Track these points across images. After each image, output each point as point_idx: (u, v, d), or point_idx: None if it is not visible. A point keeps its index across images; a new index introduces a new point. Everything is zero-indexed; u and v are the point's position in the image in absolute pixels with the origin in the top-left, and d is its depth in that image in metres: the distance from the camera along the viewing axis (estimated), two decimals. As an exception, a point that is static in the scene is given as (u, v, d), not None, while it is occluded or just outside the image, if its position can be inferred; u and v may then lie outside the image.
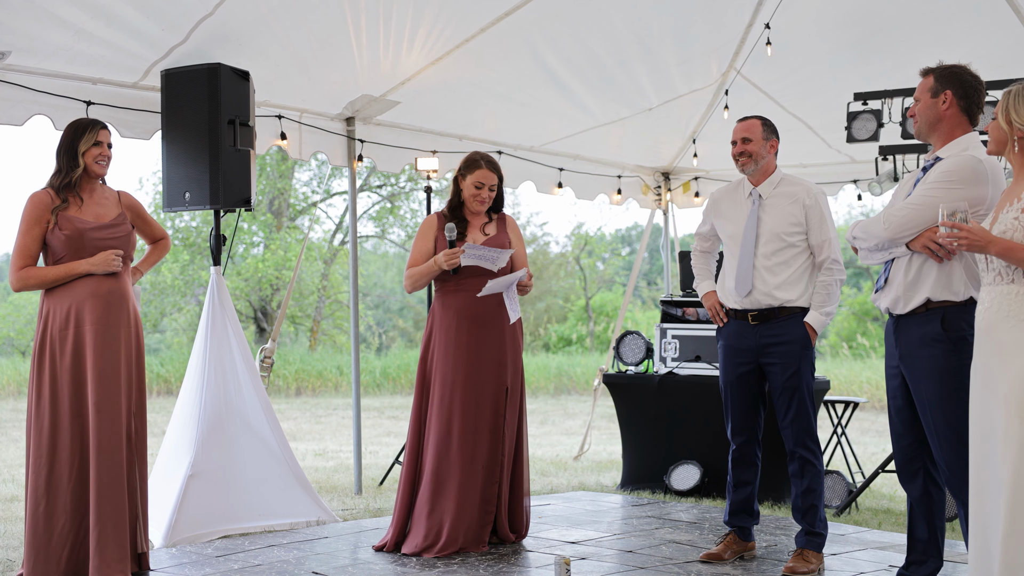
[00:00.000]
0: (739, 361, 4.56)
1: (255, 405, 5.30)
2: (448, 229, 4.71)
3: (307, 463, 8.29)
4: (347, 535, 5.14)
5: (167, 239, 4.61)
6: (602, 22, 6.02)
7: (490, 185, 4.80)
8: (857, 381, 14.96)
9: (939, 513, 3.91)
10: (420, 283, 4.81)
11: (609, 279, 25.31)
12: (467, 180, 4.81)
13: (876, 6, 5.89)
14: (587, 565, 4.55)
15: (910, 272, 3.73)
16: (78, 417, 4.06)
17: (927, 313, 3.70)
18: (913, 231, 3.68)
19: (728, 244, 4.64)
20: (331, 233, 21.62)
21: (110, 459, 4.03)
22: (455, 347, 4.75)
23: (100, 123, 4.23)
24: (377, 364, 17.77)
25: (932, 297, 3.69)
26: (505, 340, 4.81)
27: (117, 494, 4.03)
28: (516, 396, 4.85)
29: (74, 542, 4.05)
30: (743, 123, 4.58)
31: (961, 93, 3.69)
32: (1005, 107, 3.25)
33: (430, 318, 4.90)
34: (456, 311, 4.77)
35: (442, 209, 4.91)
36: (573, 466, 8.17)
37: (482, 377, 4.74)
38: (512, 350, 4.83)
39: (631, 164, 8.19)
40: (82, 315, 4.07)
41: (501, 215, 4.95)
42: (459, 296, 4.77)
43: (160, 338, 21.36)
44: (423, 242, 4.85)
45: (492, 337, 4.77)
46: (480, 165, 4.80)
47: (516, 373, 4.86)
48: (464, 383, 4.72)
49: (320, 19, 5.39)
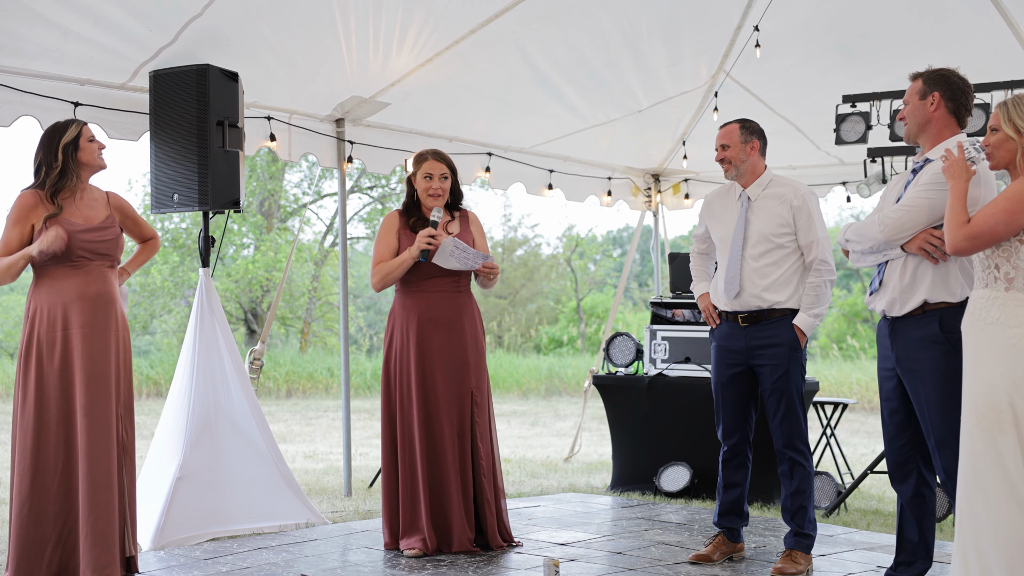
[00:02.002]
0: (730, 362, 4.57)
1: (244, 407, 5.28)
2: (435, 211, 4.66)
3: (296, 465, 8.27)
4: (336, 537, 5.13)
5: (156, 239, 4.59)
6: (592, 24, 6.03)
7: (440, 174, 4.73)
8: (847, 382, 15.00)
9: (929, 515, 3.92)
10: (392, 277, 4.70)
11: (600, 281, 25.34)
12: (417, 175, 4.75)
13: (864, 9, 5.91)
14: (576, 567, 4.55)
15: (906, 274, 3.73)
16: (65, 421, 4.04)
17: (924, 315, 3.71)
18: (909, 233, 3.69)
19: (719, 246, 4.65)
20: (322, 235, 21.61)
21: (100, 463, 4.00)
22: (416, 350, 4.68)
23: (80, 120, 4.22)
24: (367, 366, 17.75)
25: (929, 299, 3.70)
26: (467, 342, 4.74)
27: (106, 498, 4.01)
28: (483, 398, 4.78)
29: (58, 546, 4.03)
30: (722, 129, 4.60)
31: (949, 95, 3.72)
32: (1008, 117, 3.27)
33: (390, 320, 4.82)
34: (417, 313, 4.70)
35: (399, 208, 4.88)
36: (563, 468, 8.17)
37: (444, 380, 4.68)
38: (474, 352, 4.76)
39: (621, 166, 8.20)
40: (69, 318, 4.05)
41: (463, 212, 4.89)
42: (420, 297, 4.71)
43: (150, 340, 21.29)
44: (387, 238, 4.75)
45: (453, 339, 4.71)
46: (426, 157, 4.77)
47: (480, 375, 4.78)
48: (425, 386, 4.68)
49: (309, 20, 5.38)
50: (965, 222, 3.29)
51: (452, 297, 4.74)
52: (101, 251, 4.12)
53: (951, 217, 3.34)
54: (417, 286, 4.72)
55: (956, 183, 3.39)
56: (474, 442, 4.73)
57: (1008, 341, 3.19)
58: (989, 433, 3.16)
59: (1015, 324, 3.19)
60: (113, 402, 4.09)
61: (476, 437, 4.73)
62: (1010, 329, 3.19)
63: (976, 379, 3.24)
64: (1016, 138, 3.26)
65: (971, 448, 3.22)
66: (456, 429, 4.69)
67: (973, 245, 3.28)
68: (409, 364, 4.70)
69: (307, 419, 12.86)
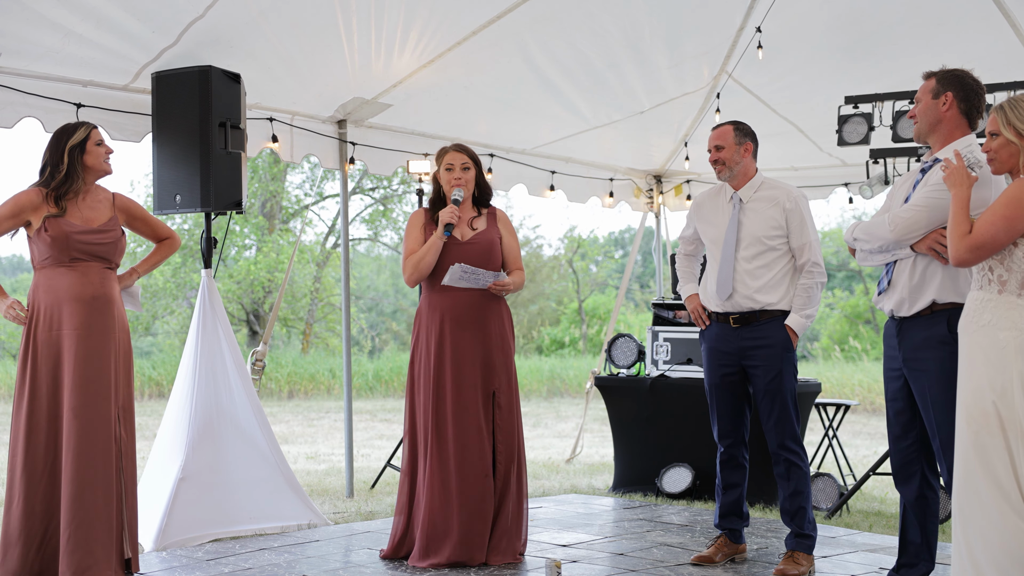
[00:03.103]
0: (722, 364, 4.57)
1: (246, 408, 5.28)
2: (456, 191, 4.60)
3: (299, 466, 8.27)
4: (338, 538, 5.13)
5: (174, 238, 4.54)
6: (594, 25, 6.03)
7: (461, 164, 4.67)
8: (849, 384, 14.99)
9: (932, 516, 3.92)
10: (424, 264, 4.57)
11: (602, 282, 25.33)
12: (440, 169, 4.71)
13: (867, 10, 5.91)
14: (578, 568, 4.54)
15: (915, 274, 3.73)
16: (54, 421, 4.04)
17: (933, 315, 3.70)
18: (919, 233, 3.68)
19: (710, 248, 4.65)
20: (324, 236, 21.61)
21: (90, 465, 3.99)
22: (438, 350, 4.59)
23: (90, 123, 4.22)
24: (369, 367, 17.75)
25: (938, 299, 3.69)
26: (492, 342, 4.62)
27: (92, 500, 3.99)
28: (508, 400, 4.65)
29: (42, 544, 4.03)
30: (715, 131, 4.60)
31: (962, 95, 3.71)
32: (1008, 120, 3.26)
33: (416, 321, 4.75)
34: (441, 312, 4.61)
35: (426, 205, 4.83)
36: (565, 469, 8.17)
37: (467, 381, 4.56)
38: (501, 352, 4.64)
39: (623, 167, 8.20)
40: (61, 319, 4.04)
41: (491, 209, 4.80)
42: (446, 296, 4.61)
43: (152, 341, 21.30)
44: (414, 233, 4.68)
45: (476, 339, 4.59)
46: (447, 150, 4.72)
47: (507, 376, 4.66)
48: (446, 387, 4.56)
49: (311, 21, 5.39)
50: (967, 232, 3.26)
51: (479, 296, 4.61)
52: (98, 253, 4.11)
53: (953, 228, 3.32)
54: (441, 284, 4.61)
55: (958, 191, 3.37)
56: (496, 445, 4.60)
57: (998, 343, 3.19)
58: (978, 436, 3.17)
59: (1006, 327, 3.19)
60: (111, 404, 4.08)
61: (497, 440, 4.60)
62: (1001, 332, 3.19)
63: (968, 381, 3.25)
64: (1017, 142, 3.24)
65: (963, 450, 3.23)
66: (478, 431, 4.53)
67: (976, 256, 3.25)
68: (431, 364, 4.59)
69: (309, 420, 12.87)
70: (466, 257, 4.58)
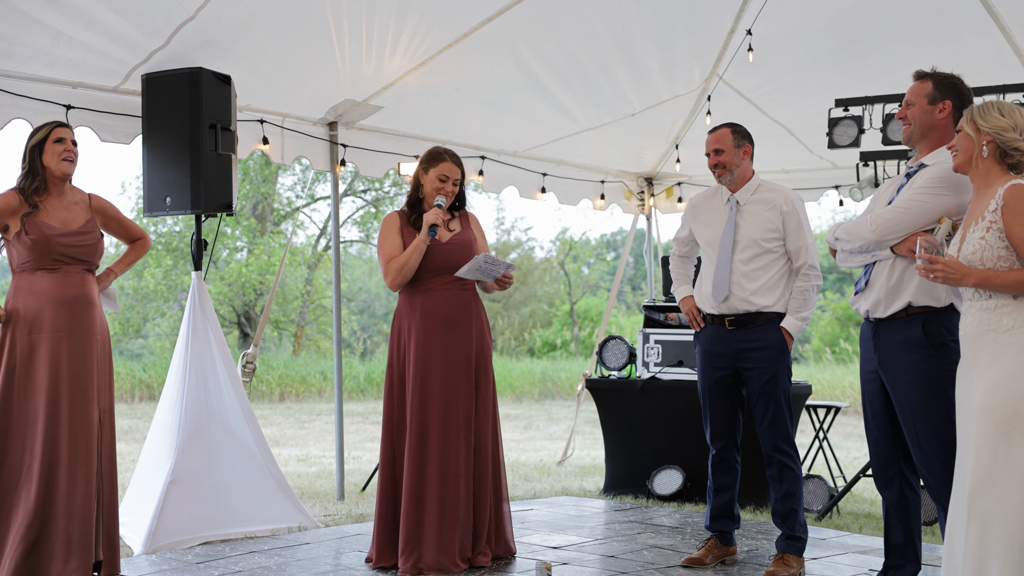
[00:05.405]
0: (716, 366, 4.58)
1: (236, 410, 5.27)
2: (439, 198, 4.58)
3: (289, 469, 8.26)
4: (329, 541, 5.12)
5: (146, 239, 4.54)
6: (585, 28, 6.03)
7: (454, 179, 4.65)
8: (840, 386, 15.02)
9: (915, 517, 3.93)
10: (408, 267, 4.53)
11: (594, 284, 25.35)
12: (430, 174, 4.65)
13: (857, 13, 5.93)
14: (569, 571, 4.55)
15: (892, 276, 3.74)
16: (31, 424, 4.00)
17: (908, 318, 3.72)
18: (900, 235, 3.69)
19: (706, 250, 4.65)
20: (315, 238, 21.58)
21: (71, 468, 3.97)
22: (424, 350, 4.54)
23: (58, 121, 4.20)
24: (361, 369, 17.73)
25: (914, 302, 3.71)
26: (471, 341, 4.61)
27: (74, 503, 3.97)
28: (487, 399, 4.64)
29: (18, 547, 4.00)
30: (713, 134, 4.59)
31: (959, 106, 3.72)
32: (971, 117, 3.35)
33: (395, 321, 4.69)
34: (421, 311, 4.58)
35: (402, 207, 4.76)
36: (556, 471, 8.17)
37: (454, 381, 4.54)
38: (479, 351, 4.63)
39: (614, 169, 8.21)
40: (43, 321, 4.03)
41: (463, 212, 4.81)
42: (425, 296, 4.58)
43: (143, 343, 21.23)
44: (391, 236, 4.61)
45: (457, 338, 4.57)
46: (444, 158, 4.66)
47: (486, 375, 4.65)
48: (434, 388, 4.52)
49: (302, 23, 5.38)
50: None
51: (457, 295, 4.61)
52: (79, 256, 4.10)
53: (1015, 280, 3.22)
54: (422, 285, 4.59)
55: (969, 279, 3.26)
56: (476, 445, 4.58)
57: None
58: (1009, 437, 3.15)
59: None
60: (94, 405, 4.06)
61: (478, 440, 4.58)
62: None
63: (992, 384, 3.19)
64: (975, 137, 3.30)
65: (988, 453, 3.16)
66: (464, 433, 4.51)
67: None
68: (409, 363, 4.56)
69: (300, 422, 12.84)
70: (447, 258, 4.59)
